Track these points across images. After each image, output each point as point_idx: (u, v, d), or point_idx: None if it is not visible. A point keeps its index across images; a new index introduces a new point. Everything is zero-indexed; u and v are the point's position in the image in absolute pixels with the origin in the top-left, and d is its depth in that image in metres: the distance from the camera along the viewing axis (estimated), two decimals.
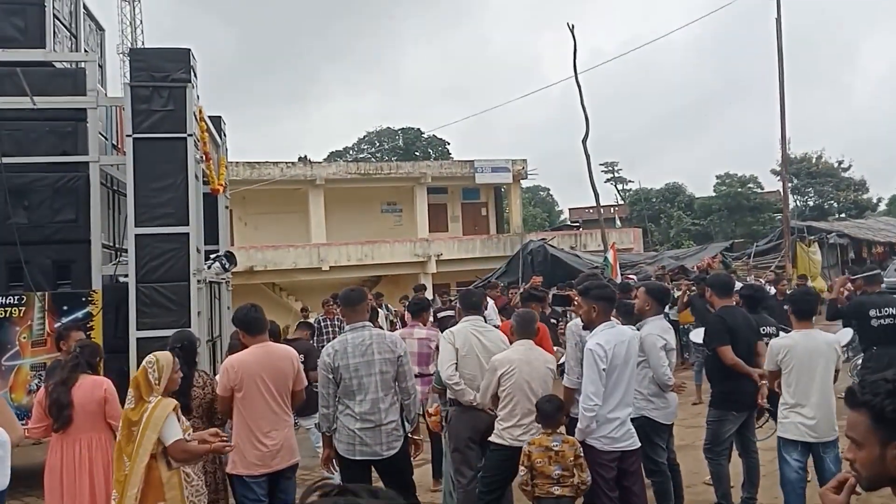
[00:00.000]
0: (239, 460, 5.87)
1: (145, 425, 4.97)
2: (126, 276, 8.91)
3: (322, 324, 14.80)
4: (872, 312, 8.49)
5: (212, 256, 10.29)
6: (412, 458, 6.45)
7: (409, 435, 6.32)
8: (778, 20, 29.34)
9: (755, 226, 61.69)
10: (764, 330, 8.36)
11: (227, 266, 10.50)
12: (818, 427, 6.20)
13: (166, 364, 5.20)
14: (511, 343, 6.61)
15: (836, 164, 67.76)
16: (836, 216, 61.63)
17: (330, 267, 34.22)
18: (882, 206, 69.67)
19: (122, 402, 5.34)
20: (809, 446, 6.26)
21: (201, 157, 9.60)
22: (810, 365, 6.30)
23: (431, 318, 10.26)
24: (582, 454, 5.75)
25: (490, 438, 6.32)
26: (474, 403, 6.58)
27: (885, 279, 11.42)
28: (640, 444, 6.05)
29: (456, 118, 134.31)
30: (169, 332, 6.78)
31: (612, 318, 6.17)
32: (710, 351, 7.16)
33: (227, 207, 12.64)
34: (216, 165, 11.06)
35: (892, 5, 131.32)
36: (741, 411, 7.05)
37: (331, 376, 6.02)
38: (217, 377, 6.30)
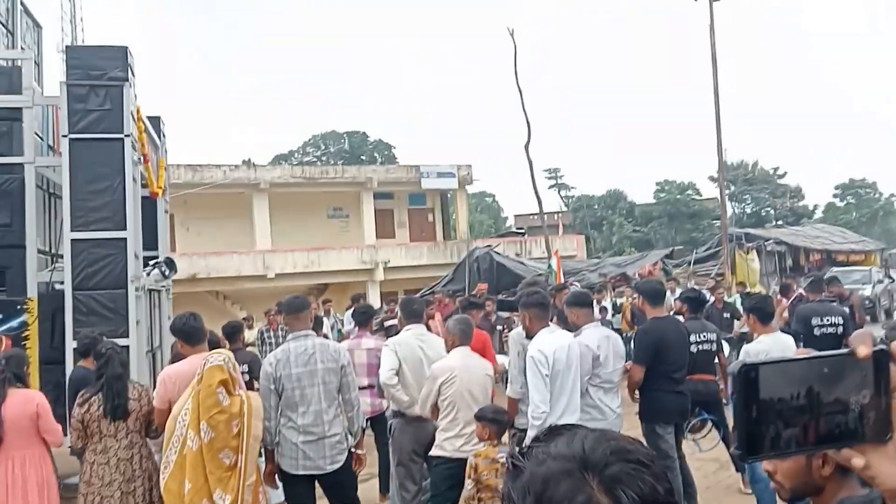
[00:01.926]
0: None
1: (248, 415, 5.35)
2: (62, 283, 8.56)
3: (265, 334, 14.56)
4: (815, 321, 8.41)
5: (151, 263, 9.95)
6: (356, 473, 6.20)
7: (352, 449, 6.07)
8: (711, 27, 29.65)
9: (694, 233, 62.49)
10: (704, 336, 8.36)
11: (167, 273, 10.16)
12: None
13: (231, 356, 5.64)
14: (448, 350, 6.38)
15: (772, 172, 68.97)
16: (774, 223, 62.72)
17: (275, 274, 33.61)
18: (818, 214, 71.08)
19: (62, 415, 5.17)
20: None
21: (139, 158, 9.25)
22: None
23: (377, 327, 10.05)
24: None
25: (431, 452, 6.07)
26: (415, 412, 6.37)
27: None
28: None
29: (404, 122, 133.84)
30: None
31: (550, 323, 6.08)
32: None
33: (166, 212, 12.25)
34: (155, 168, 10.67)
35: (825, 19, 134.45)
36: (668, 422, 6.99)
37: (273, 387, 5.75)
38: (155, 389, 6.02)
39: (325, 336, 10.05)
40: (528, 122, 27.81)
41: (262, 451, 5.94)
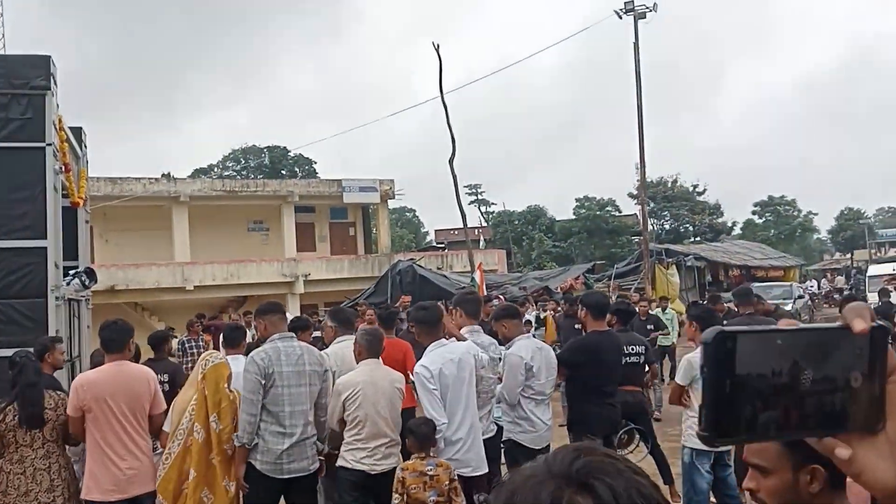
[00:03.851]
0: (94, 485, 5.57)
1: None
2: None
3: (186, 345, 14.43)
4: None
5: (71, 273, 9.83)
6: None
7: (319, 454, 6.09)
8: (636, 45, 30.22)
9: (613, 248, 62.93)
10: (633, 348, 8.52)
11: (87, 283, 10.06)
12: None
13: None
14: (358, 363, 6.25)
15: (691, 188, 69.98)
16: (692, 239, 63.64)
17: (194, 286, 33.29)
18: (737, 230, 72.26)
19: None
20: (712, 455, 6.58)
21: (61, 167, 9.15)
22: None
23: None
24: (457, 478, 5.51)
25: (337, 463, 5.98)
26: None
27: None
28: (486, 469, 5.91)
29: (324, 136, 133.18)
30: None
31: (443, 337, 6.04)
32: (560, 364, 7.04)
33: (87, 222, 12.10)
34: (76, 178, 10.56)
35: (747, 37, 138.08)
36: (596, 434, 6.82)
37: (263, 381, 5.68)
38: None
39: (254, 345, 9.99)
40: (452, 137, 28.01)
41: (238, 449, 5.82)
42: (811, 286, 32.54)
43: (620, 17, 30.39)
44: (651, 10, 30.06)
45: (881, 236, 73.61)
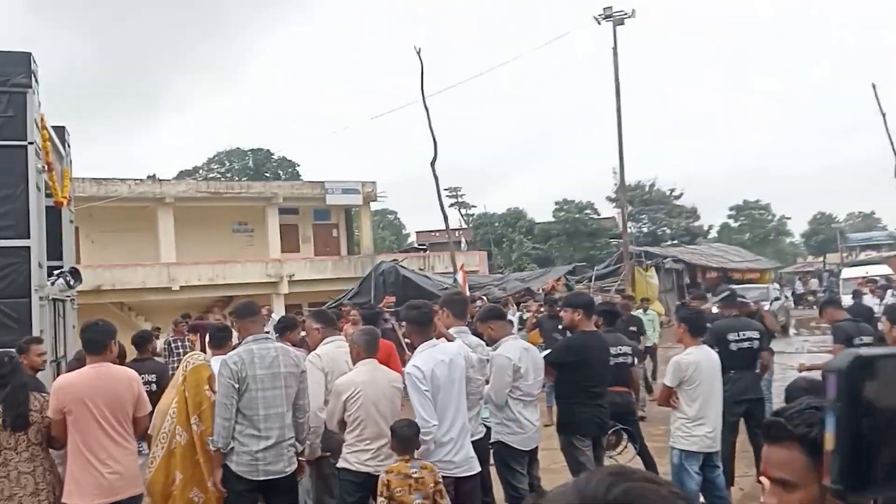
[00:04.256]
0: (75, 489, 5.34)
1: None
2: None
3: (172, 344, 14.24)
4: (731, 336, 8.26)
5: (55, 273, 9.61)
6: (298, 480, 6.06)
7: (297, 455, 5.92)
8: (615, 50, 30.28)
9: (592, 251, 63.18)
10: (620, 349, 8.48)
11: (71, 283, 9.85)
12: (715, 437, 6.59)
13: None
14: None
15: (668, 192, 70.49)
16: (670, 242, 64.02)
17: (180, 287, 33.02)
18: (713, 234, 72.97)
19: None
20: (701, 456, 6.58)
21: (44, 166, 8.94)
22: (711, 379, 6.57)
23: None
24: (441, 480, 5.36)
25: (338, 464, 5.86)
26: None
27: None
28: (478, 469, 5.77)
29: (308, 139, 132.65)
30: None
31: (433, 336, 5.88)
32: (549, 365, 6.94)
33: (71, 222, 11.87)
34: (60, 177, 10.32)
35: (725, 43, 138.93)
36: (586, 435, 6.84)
37: (237, 385, 5.54)
38: None
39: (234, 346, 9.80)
40: (434, 140, 27.89)
41: (215, 454, 5.69)
42: (775, 288, 33.14)
43: (599, 23, 30.45)
44: (630, 17, 30.13)
45: (852, 240, 75.24)
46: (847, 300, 15.77)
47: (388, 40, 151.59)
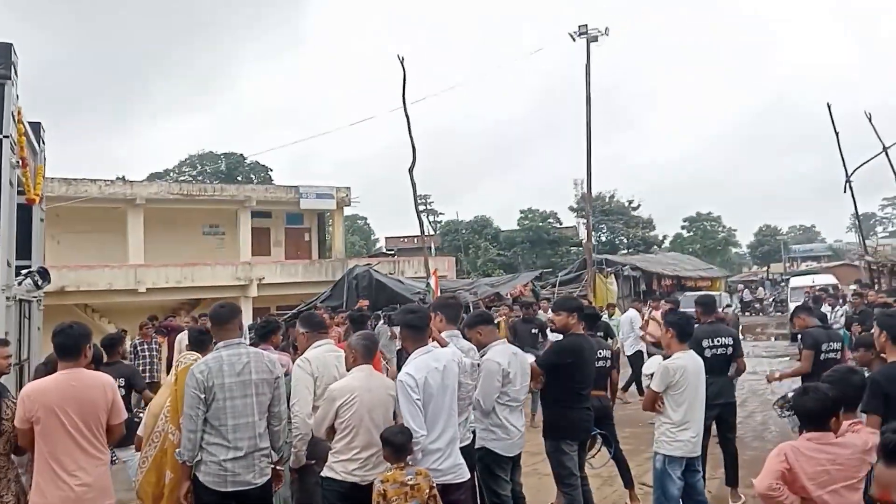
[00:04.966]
0: (41, 502, 4.82)
1: None
2: None
3: (139, 347, 13.68)
4: (705, 343, 8.23)
5: (24, 272, 9.02)
6: (274, 491, 5.66)
7: (273, 465, 5.50)
8: (587, 67, 30.31)
9: (554, 258, 63.99)
10: (601, 353, 8.39)
11: (40, 283, 9.27)
12: (698, 442, 6.51)
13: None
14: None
15: (627, 204, 71.68)
16: (626, 251, 65.02)
17: (147, 288, 32.27)
18: (666, 244, 74.40)
19: None
20: (684, 461, 6.47)
21: (18, 161, 8.35)
22: (697, 384, 6.46)
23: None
24: (436, 486, 5.04)
25: (322, 473, 5.42)
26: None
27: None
28: (468, 477, 5.47)
29: (283, 144, 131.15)
30: None
31: (429, 342, 5.62)
32: (541, 368, 6.73)
33: (42, 221, 11.22)
34: (33, 174, 9.70)
35: (683, 63, 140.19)
36: (574, 439, 6.72)
37: (203, 396, 5.11)
38: None
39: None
40: (413, 147, 27.57)
41: (181, 466, 5.29)
42: (726, 296, 34.08)
43: (574, 40, 30.44)
44: (603, 34, 30.23)
45: (794, 251, 78.88)
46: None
47: (367, 48, 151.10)
